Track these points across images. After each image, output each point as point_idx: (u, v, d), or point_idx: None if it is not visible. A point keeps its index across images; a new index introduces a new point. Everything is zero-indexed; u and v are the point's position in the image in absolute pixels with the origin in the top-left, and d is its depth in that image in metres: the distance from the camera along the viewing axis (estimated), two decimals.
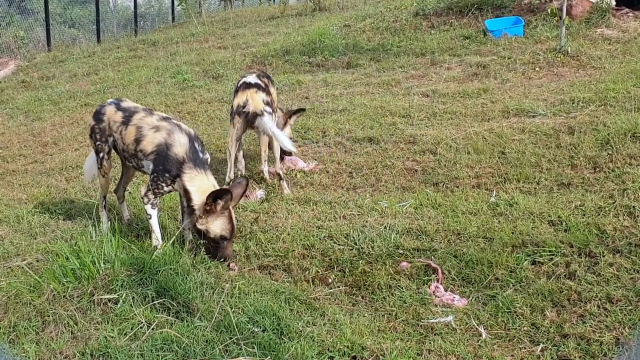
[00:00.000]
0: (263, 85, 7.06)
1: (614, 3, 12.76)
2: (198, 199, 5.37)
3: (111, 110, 6.00)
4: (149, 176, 5.67)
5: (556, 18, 11.14)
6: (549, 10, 11.53)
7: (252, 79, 7.12)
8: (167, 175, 5.52)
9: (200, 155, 5.55)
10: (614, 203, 5.76)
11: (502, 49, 11.63)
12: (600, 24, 12.07)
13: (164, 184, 5.57)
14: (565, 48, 10.77)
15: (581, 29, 11.91)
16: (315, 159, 7.83)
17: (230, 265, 5.45)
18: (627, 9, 12.86)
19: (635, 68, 9.46)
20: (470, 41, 12.51)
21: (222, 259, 5.45)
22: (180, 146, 5.51)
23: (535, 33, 12.12)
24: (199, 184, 5.42)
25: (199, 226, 5.42)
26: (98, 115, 6.08)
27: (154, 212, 5.70)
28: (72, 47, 20.14)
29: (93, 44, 20.91)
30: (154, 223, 5.70)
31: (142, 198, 5.72)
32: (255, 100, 6.91)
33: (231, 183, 6.34)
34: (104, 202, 6.31)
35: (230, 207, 5.43)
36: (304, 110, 8.09)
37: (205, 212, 5.36)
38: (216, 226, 5.39)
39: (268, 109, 6.94)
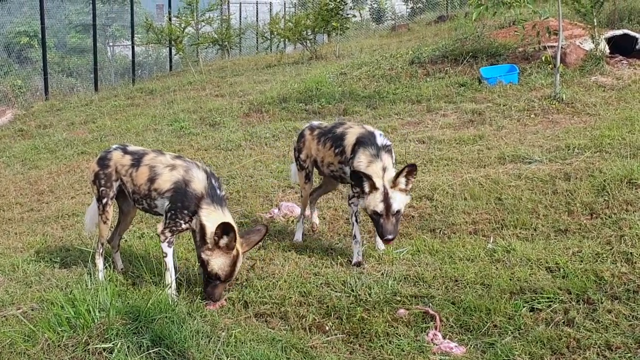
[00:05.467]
0: (308, 133, 6.84)
1: (608, 51, 12.91)
2: (214, 229, 5.38)
3: (118, 155, 6.00)
4: (165, 214, 5.66)
5: (550, 66, 11.26)
6: (543, 58, 11.65)
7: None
8: (185, 212, 5.53)
9: (218, 191, 5.58)
10: (611, 249, 5.75)
11: (497, 96, 11.72)
12: (594, 72, 12.20)
13: (182, 221, 5.57)
14: (560, 95, 10.85)
15: (575, 77, 12.02)
16: None
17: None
18: (621, 57, 13.02)
19: (630, 115, 9.53)
20: (465, 88, 12.61)
21: (208, 296, 5.46)
22: (198, 182, 5.55)
23: (530, 80, 12.23)
24: (215, 219, 5.42)
25: (203, 255, 5.43)
26: (103, 161, 6.05)
27: (169, 251, 5.69)
28: (69, 96, 20.26)
29: (91, 93, 21.04)
30: (169, 262, 5.69)
31: (159, 235, 5.71)
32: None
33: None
34: (101, 250, 6.24)
35: (241, 251, 5.44)
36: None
37: (214, 245, 5.36)
38: (215, 263, 5.38)
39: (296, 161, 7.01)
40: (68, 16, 26.81)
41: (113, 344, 4.69)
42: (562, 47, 11.29)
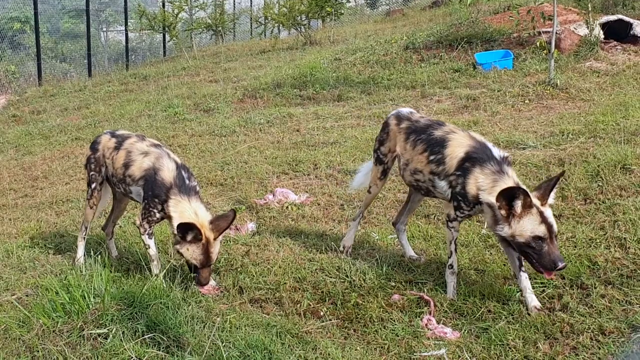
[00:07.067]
0: (394, 124, 5.77)
1: (602, 36, 12.90)
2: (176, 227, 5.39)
3: (106, 138, 6.06)
4: (141, 204, 5.68)
5: (545, 51, 11.26)
6: (537, 43, 11.67)
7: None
8: (156, 200, 5.52)
9: (187, 182, 5.55)
10: (605, 234, 5.76)
11: (491, 81, 11.73)
12: (589, 57, 12.20)
13: (155, 210, 5.56)
14: (554, 81, 10.86)
15: (570, 62, 12.03)
16: (307, 192, 7.83)
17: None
18: (615, 42, 13.02)
19: (624, 100, 9.53)
20: (460, 74, 12.62)
21: (197, 282, 5.47)
22: (167, 171, 5.53)
23: (524, 66, 12.24)
24: (181, 211, 5.43)
25: (175, 247, 5.45)
26: (94, 145, 6.13)
27: (151, 242, 5.71)
28: (63, 81, 20.21)
29: (84, 78, 20.99)
30: (153, 253, 5.71)
31: (138, 228, 5.73)
32: None
33: None
34: (84, 233, 6.29)
35: (212, 238, 5.41)
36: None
37: (181, 239, 5.37)
38: (188, 253, 5.38)
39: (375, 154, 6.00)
40: (61, 1, 26.71)
41: (108, 330, 4.69)
42: (556, 33, 11.28)
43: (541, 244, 4.67)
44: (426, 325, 4.83)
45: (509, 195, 4.67)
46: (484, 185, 4.92)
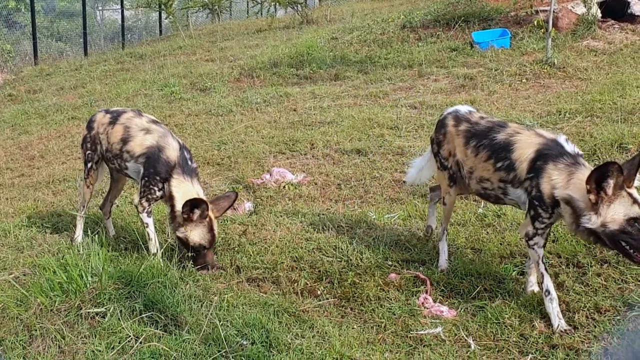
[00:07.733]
0: (451, 124, 5.25)
1: (600, 15, 12.86)
2: (181, 206, 5.39)
3: (101, 115, 6.10)
4: (140, 182, 5.68)
5: (542, 30, 11.25)
6: (535, 22, 11.63)
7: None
8: (157, 178, 5.53)
9: (189, 163, 5.58)
10: None
11: (488, 60, 11.70)
12: (586, 36, 12.18)
13: (155, 188, 5.57)
14: (551, 60, 10.84)
15: (567, 41, 12.00)
16: (304, 171, 7.83)
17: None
18: (612, 21, 12.98)
19: (621, 79, 9.53)
20: (457, 53, 12.59)
21: (203, 267, 5.47)
22: (173, 150, 5.56)
23: (521, 45, 12.21)
24: (184, 191, 5.46)
25: (178, 234, 5.47)
26: (90, 124, 6.16)
27: (150, 220, 5.71)
28: (59, 61, 20.13)
29: (80, 57, 20.90)
30: (151, 231, 5.71)
31: (137, 206, 5.73)
32: None
33: None
34: (82, 212, 6.31)
35: (213, 217, 5.44)
36: None
37: (185, 220, 5.39)
38: (195, 235, 5.42)
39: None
40: None
41: (105, 309, 4.71)
42: (554, 11, 11.25)
43: (638, 228, 4.14)
44: (423, 304, 4.85)
45: (601, 174, 4.11)
46: (559, 181, 4.41)
